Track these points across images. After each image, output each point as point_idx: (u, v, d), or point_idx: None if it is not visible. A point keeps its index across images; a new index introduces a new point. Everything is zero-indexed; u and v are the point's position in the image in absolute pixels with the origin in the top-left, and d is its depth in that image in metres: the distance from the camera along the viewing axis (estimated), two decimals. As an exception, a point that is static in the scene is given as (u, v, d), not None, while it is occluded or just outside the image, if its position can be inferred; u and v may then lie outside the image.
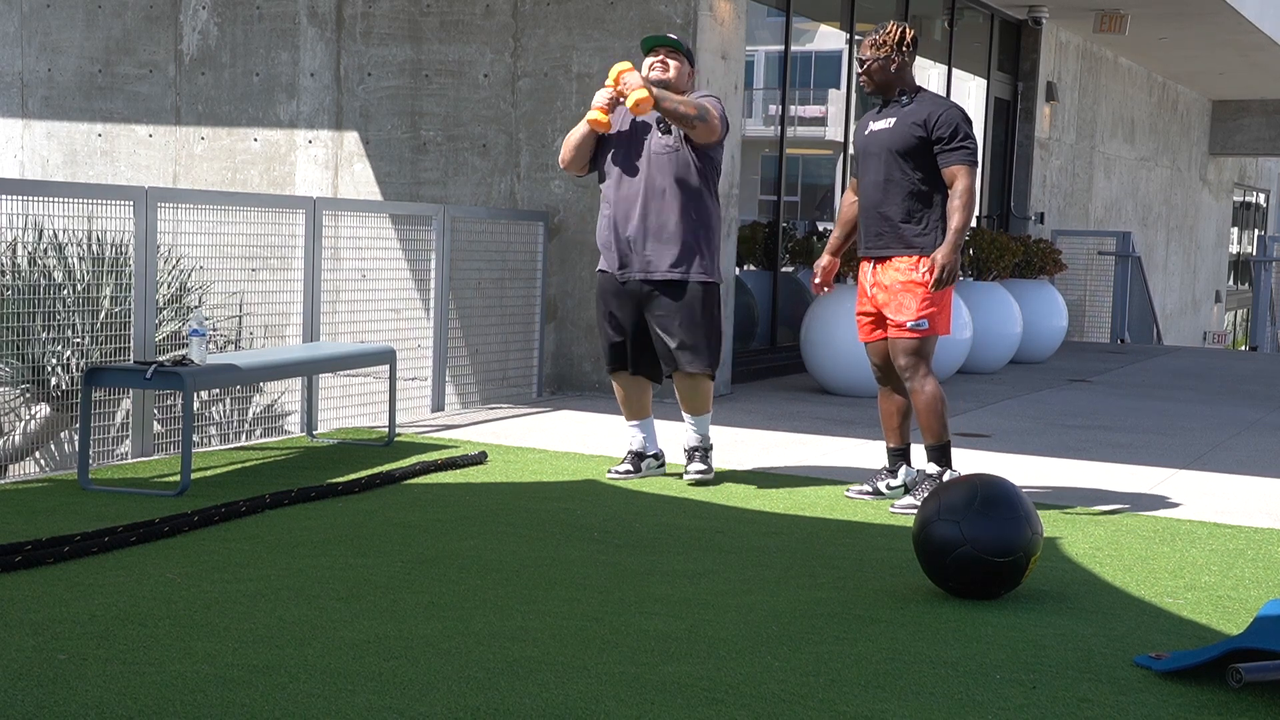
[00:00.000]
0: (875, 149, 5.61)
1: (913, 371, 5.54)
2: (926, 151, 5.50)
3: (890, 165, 5.55)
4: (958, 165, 5.47)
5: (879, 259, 5.62)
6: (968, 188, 5.45)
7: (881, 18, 12.42)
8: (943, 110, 5.53)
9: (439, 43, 9.43)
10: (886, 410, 5.79)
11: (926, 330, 5.52)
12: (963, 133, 5.49)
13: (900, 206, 5.53)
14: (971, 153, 5.50)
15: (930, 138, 5.49)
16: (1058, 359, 12.80)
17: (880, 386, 5.79)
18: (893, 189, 5.55)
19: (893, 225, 5.55)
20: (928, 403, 5.52)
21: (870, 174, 5.63)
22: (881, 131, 5.60)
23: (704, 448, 6.07)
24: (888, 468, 5.83)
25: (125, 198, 6.18)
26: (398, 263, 8.53)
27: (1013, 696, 3.29)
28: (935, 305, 5.52)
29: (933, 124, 5.48)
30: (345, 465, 6.13)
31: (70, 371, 7.31)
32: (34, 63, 10.88)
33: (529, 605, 3.93)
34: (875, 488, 5.79)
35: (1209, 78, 19.76)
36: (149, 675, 3.18)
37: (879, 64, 5.59)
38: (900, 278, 5.52)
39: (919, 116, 5.51)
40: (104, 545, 4.37)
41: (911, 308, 5.50)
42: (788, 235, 11.14)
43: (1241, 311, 27.83)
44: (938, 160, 5.49)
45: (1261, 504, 6.03)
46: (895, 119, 5.57)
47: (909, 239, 5.52)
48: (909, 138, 5.51)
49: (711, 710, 3.10)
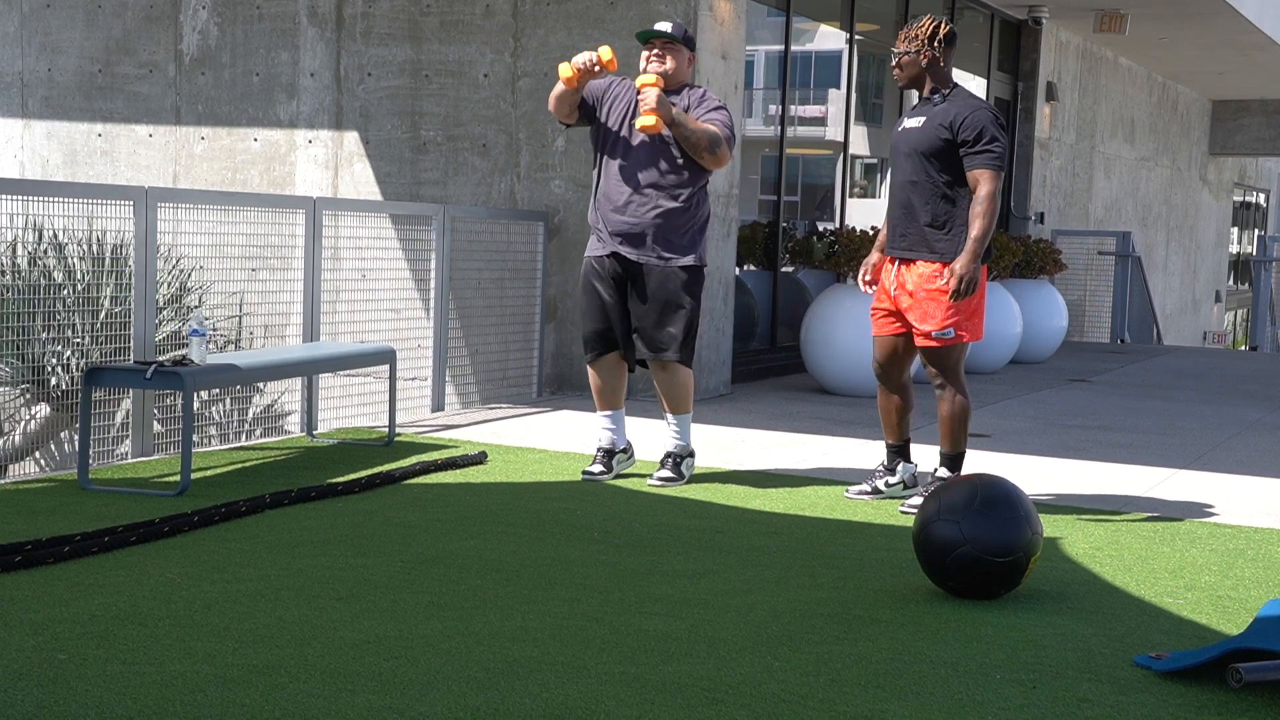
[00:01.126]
0: (905, 148, 5.51)
1: (942, 381, 5.47)
2: (953, 154, 5.38)
3: (917, 166, 5.44)
4: (981, 170, 5.33)
5: (904, 260, 5.52)
6: (991, 194, 5.30)
7: (882, 17, 12.44)
8: (970, 112, 5.38)
9: (439, 43, 9.43)
10: (885, 408, 5.75)
11: (953, 339, 5.42)
12: (989, 135, 5.34)
13: (926, 209, 5.42)
14: (997, 157, 5.35)
15: (955, 140, 5.37)
16: (1058, 359, 12.80)
17: (880, 383, 5.73)
18: (919, 190, 5.44)
19: (918, 228, 5.44)
20: (954, 412, 5.48)
21: (899, 173, 5.53)
22: (911, 130, 5.49)
23: (682, 455, 6.01)
24: (885, 465, 5.80)
25: (125, 198, 6.18)
26: (398, 263, 8.53)
27: (1013, 696, 3.29)
28: (961, 313, 5.41)
29: (958, 126, 5.35)
30: (345, 465, 6.13)
31: (70, 371, 7.30)
32: (34, 63, 10.88)
33: (529, 605, 3.93)
34: (875, 487, 5.77)
35: (1209, 78, 19.76)
36: (149, 675, 3.18)
37: (909, 58, 5.48)
38: (925, 285, 5.42)
39: (946, 118, 5.39)
40: (104, 545, 4.37)
41: (937, 316, 5.40)
42: (788, 235, 11.14)
43: (1241, 311, 27.83)
44: (963, 163, 5.37)
45: (1261, 504, 6.03)
46: (925, 119, 5.45)
47: (933, 243, 5.41)
48: (935, 139, 5.39)
49: (711, 710, 3.10)
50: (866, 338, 9.06)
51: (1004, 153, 5.40)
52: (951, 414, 5.49)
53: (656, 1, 8.74)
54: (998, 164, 5.35)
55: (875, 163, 13.04)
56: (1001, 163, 5.38)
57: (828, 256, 10.22)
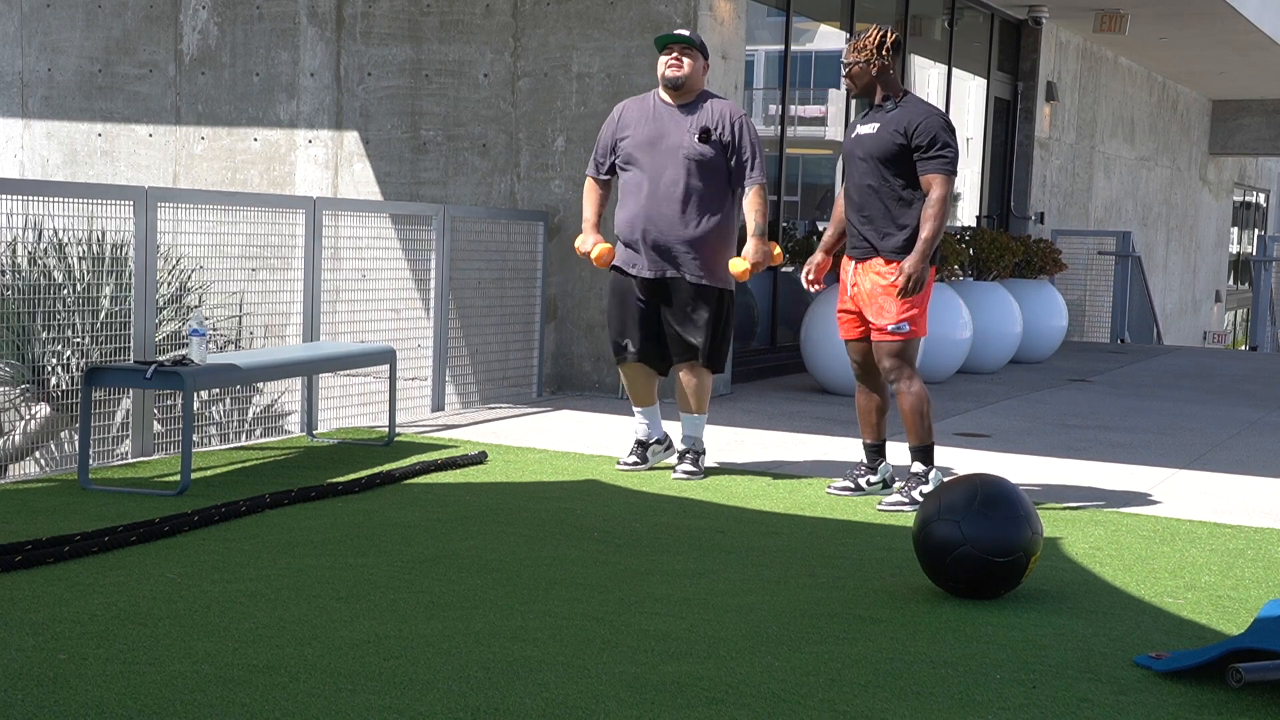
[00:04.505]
0: (859, 153, 5.69)
1: (898, 374, 5.63)
2: (907, 158, 5.57)
3: (872, 170, 5.63)
4: (934, 174, 5.53)
5: (859, 260, 5.71)
6: (941, 198, 5.51)
7: (882, 18, 12.43)
8: (923, 119, 5.57)
9: (439, 43, 9.43)
10: (865, 407, 5.88)
11: (908, 333, 5.61)
12: (941, 141, 5.54)
13: (881, 211, 5.62)
14: (949, 162, 5.55)
15: (910, 145, 5.56)
16: (1058, 359, 12.80)
17: (859, 383, 5.88)
18: (874, 194, 5.63)
19: (874, 229, 5.63)
20: (913, 404, 5.61)
21: (854, 177, 5.73)
22: (866, 136, 5.68)
23: (696, 451, 6.20)
24: (866, 464, 5.91)
25: (125, 197, 6.18)
26: (398, 263, 8.53)
27: (1013, 696, 3.29)
28: (915, 308, 5.61)
29: (912, 132, 5.55)
30: (345, 465, 6.13)
31: (70, 371, 7.30)
32: (34, 62, 10.88)
33: (529, 605, 3.93)
34: (856, 483, 5.88)
35: (1209, 77, 19.76)
36: (149, 675, 3.18)
37: (860, 67, 5.67)
38: (881, 282, 5.61)
39: (900, 124, 5.58)
40: (104, 545, 4.37)
41: (891, 311, 5.59)
42: (788, 235, 11.14)
43: (1241, 311, 27.82)
44: (917, 168, 5.57)
45: (1261, 504, 6.03)
46: (879, 125, 5.64)
47: (888, 244, 5.60)
48: (890, 145, 5.58)
49: (711, 710, 3.10)
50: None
51: (955, 158, 5.61)
52: (913, 407, 5.61)
53: (656, 1, 8.74)
54: (950, 169, 5.57)
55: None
56: (953, 167, 5.60)
57: (828, 256, 10.21)
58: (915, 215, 5.57)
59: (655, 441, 6.31)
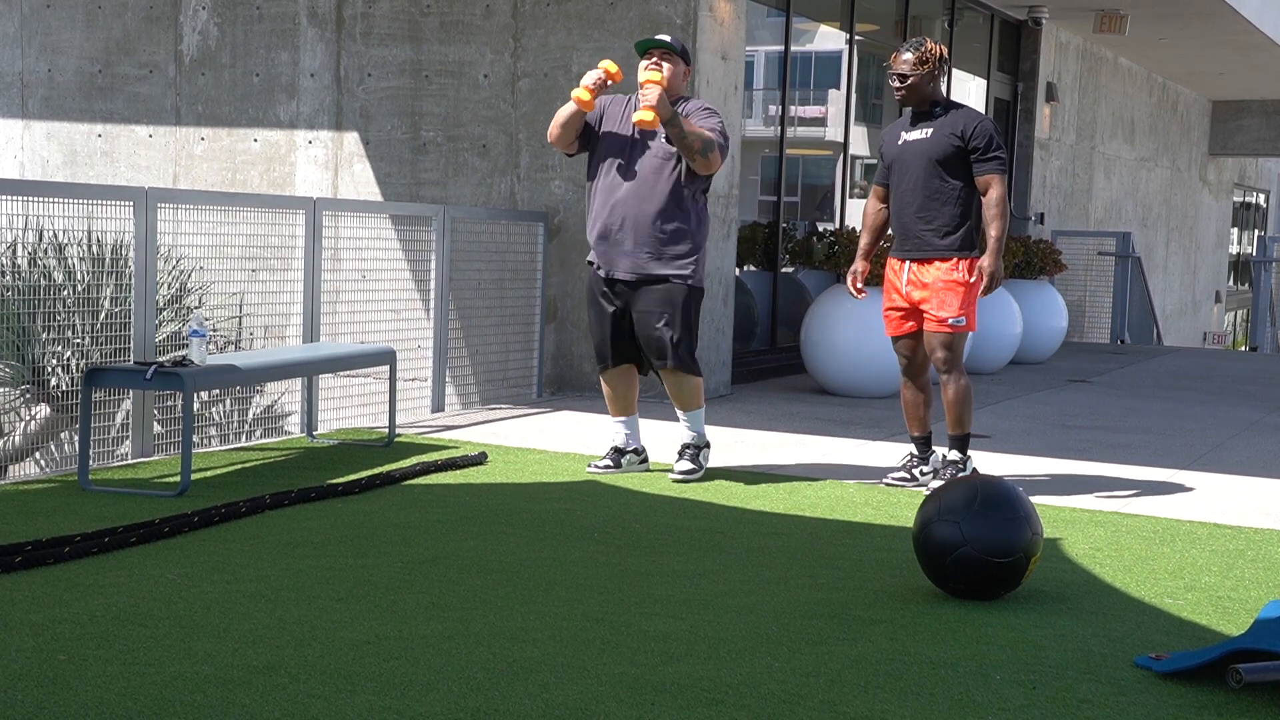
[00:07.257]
0: (911, 158, 5.98)
1: (949, 365, 5.96)
2: (962, 160, 5.90)
3: (929, 173, 5.94)
4: (991, 175, 5.87)
5: (917, 260, 5.98)
6: (1001, 196, 5.86)
7: (881, 18, 12.44)
8: (977, 122, 5.93)
9: (439, 43, 9.43)
10: (911, 401, 6.18)
11: (964, 326, 5.96)
12: (996, 143, 5.90)
13: (939, 212, 5.93)
14: (1003, 163, 5.93)
15: (966, 147, 5.89)
16: (1058, 359, 12.81)
17: (905, 379, 6.17)
18: (931, 196, 5.94)
19: (933, 229, 5.94)
20: (959, 394, 5.97)
21: (907, 181, 6.01)
22: (918, 141, 5.97)
23: (696, 445, 6.17)
24: (918, 454, 6.19)
25: (125, 198, 6.18)
26: (398, 263, 8.53)
27: (1013, 696, 3.29)
28: (973, 304, 5.97)
29: (969, 135, 5.89)
30: (345, 466, 6.13)
31: (70, 372, 7.30)
32: (34, 63, 10.89)
33: (529, 605, 3.93)
34: (911, 474, 6.14)
35: (1209, 78, 19.76)
36: (149, 675, 3.18)
37: (920, 79, 5.96)
38: (944, 277, 5.92)
39: (956, 127, 5.91)
40: (104, 546, 4.37)
41: (953, 305, 5.92)
42: (787, 236, 11.14)
43: (1241, 312, 27.82)
44: (973, 169, 5.90)
45: (1261, 504, 6.03)
46: (932, 129, 5.95)
47: (948, 242, 5.93)
48: (947, 147, 5.90)
49: (711, 711, 3.10)
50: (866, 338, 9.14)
51: (1006, 158, 6.01)
52: (959, 396, 5.97)
53: (656, 2, 8.74)
54: (1004, 169, 5.95)
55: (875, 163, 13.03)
56: (1005, 167, 5.95)
57: (827, 257, 10.22)
58: (969, 214, 5.91)
59: (632, 450, 6.26)
